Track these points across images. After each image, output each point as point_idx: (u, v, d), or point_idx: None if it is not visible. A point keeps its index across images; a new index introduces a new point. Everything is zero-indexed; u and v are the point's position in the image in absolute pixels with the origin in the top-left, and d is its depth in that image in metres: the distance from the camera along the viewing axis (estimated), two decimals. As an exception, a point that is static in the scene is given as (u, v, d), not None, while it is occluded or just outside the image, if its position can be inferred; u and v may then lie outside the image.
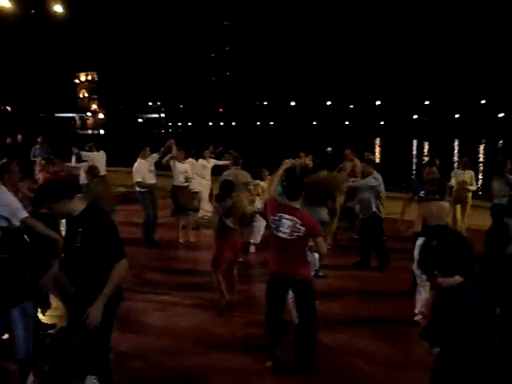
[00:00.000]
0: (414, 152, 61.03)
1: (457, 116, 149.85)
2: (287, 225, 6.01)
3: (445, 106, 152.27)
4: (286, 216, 6.03)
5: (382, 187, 10.37)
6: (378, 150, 65.93)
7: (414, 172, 34.87)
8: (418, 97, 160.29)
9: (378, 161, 46.53)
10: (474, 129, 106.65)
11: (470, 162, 13.19)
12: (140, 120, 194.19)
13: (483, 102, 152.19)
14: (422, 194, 8.98)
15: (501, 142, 78.79)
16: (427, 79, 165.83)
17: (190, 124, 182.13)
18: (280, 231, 6.03)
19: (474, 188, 13.16)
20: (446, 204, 7.76)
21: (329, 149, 15.40)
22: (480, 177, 31.27)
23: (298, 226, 5.99)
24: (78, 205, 4.78)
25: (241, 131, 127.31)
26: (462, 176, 12.92)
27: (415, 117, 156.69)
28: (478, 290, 3.71)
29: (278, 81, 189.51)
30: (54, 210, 4.80)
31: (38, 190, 5.20)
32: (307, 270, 6.24)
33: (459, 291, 3.59)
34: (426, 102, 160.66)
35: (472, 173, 13.16)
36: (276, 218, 6.09)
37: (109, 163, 15.06)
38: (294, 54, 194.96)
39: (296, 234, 5.99)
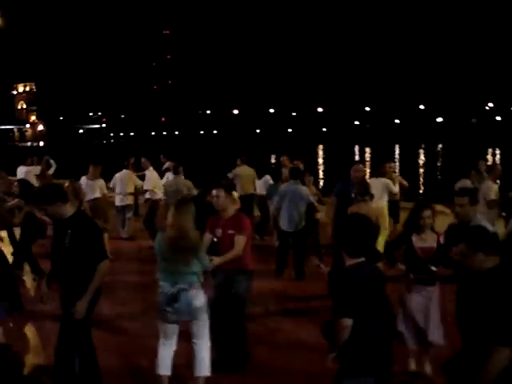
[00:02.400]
0: (357, 158, 61.82)
1: (397, 121, 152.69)
2: None
3: (385, 111, 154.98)
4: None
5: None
6: (321, 156, 66.59)
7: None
8: (358, 103, 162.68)
9: (321, 168, 47.03)
10: (414, 133, 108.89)
11: (408, 166, 13.40)
12: (81, 131, 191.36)
13: (422, 107, 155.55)
14: (353, 195, 9.05)
15: (440, 146, 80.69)
16: (367, 86, 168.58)
17: (132, 134, 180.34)
18: None
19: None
20: (375, 204, 7.93)
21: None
22: (421, 180, 31.86)
23: None
24: (69, 209, 5.26)
25: (184, 140, 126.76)
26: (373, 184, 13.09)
27: (356, 123, 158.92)
28: (374, 267, 4.23)
29: (220, 89, 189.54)
30: (47, 211, 5.28)
31: (35, 191, 5.84)
32: None
33: (351, 271, 3.99)
34: (367, 109, 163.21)
35: (385, 181, 13.31)
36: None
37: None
38: (235, 62, 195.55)
39: None
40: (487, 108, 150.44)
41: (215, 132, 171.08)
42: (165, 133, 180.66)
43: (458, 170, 13.87)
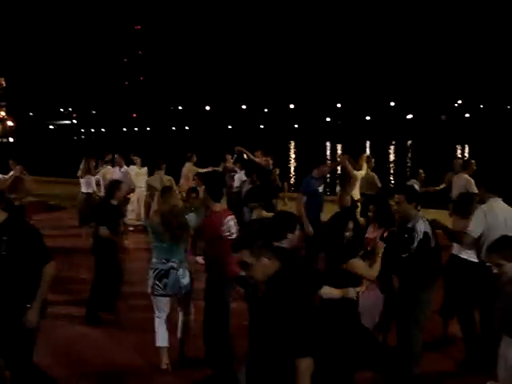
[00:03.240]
0: (328, 153, 62.24)
1: (368, 118, 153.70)
2: (234, 223, 6.26)
3: (356, 108, 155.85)
4: (229, 217, 6.26)
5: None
6: (292, 152, 66.84)
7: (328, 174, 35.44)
8: (330, 100, 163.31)
9: (293, 164, 47.28)
10: (384, 130, 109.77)
11: (378, 162, 13.62)
12: (51, 127, 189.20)
13: (392, 104, 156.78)
14: (320, 190, 9.31)
15: (409, 142, 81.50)
16: (338, 83, 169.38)
17: (103, 130, 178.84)
18: (233, 234, 6.15)
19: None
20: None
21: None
22: (391, 175, 32.22)
23: (235, 220, 6.33)
24: (1, 214, 4.86)
25: (156, 136, 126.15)
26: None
27: (328, 119, 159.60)
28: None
29: (192, 85, 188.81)
30: None
31: None
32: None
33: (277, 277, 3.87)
34: (338, 105, 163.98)
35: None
36: (225, 226, 6.20)
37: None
38: (207, 58, 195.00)
39: (237, 228, 6.29)
40: (456, 105, 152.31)
41: (187, 128, 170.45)
42: (136, 129, 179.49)
43: (427, 166, 14.15)
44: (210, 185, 6.49)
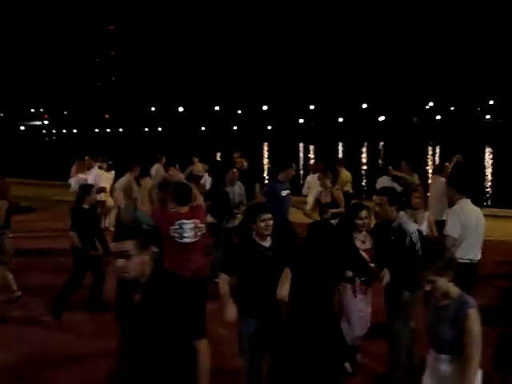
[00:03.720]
0: (301, 155, 62.42)
1: (340, 120, 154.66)
2: (189, 227, 6.12)
3: (329, 110, 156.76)
4: (185, 221, 6.13)
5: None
6: (266, 154, 66.94)
7: (301, 175, 35.62)
8: (303, 102, 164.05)
9: (266, 166, 47.36)
10: (357, 132, 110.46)
11: (351, 164, 13.77)
12: (22, 128, 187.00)
13: (365, 106, 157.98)
14: (284, 194, 9.41)
15: (381, 143, 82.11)
16: (312, 84, 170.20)
17: (75, 131, 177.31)
18: (184, 237, 6.10)
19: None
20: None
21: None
22: (363, 177, 32.48)
23: (199, 224, 6.19)
24: None
25: (128, 137, 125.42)
26: (313, 180, 13.56)
27: (301, 121, 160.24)
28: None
29: (165, 86, 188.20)
30: None
31: None
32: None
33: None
34: (311, 107, 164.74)
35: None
36: (176, 227, 6.12)
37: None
38: (180, 59, 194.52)
39: (199, 232, 6.19)
40: (427, 107, 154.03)
41: (160, 129, 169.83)
42: (109, 130, 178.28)
43: (399, 167, 14.28)
44: (177, 191, 6.39)
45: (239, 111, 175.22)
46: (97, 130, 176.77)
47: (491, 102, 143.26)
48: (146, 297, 3.51)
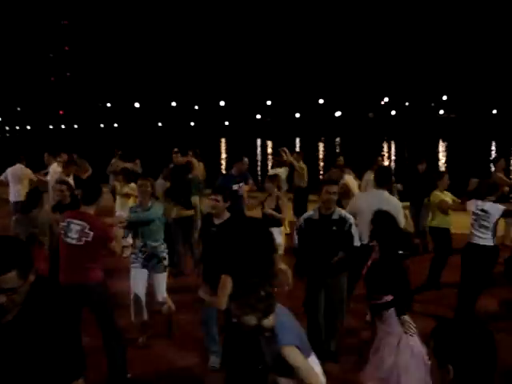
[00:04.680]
0: (259, 151, 62.55)
1: (297, 115, 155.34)
2: (75, 230, 5.93)
3: (286, 105, 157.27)
4: (75, 221, 5.96)
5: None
6: (223, 150, 66.87)
7: (258, 171, 35.73)
8: (260, 97, 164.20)
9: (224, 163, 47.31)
10: (314, 127, 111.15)
11: (308, 159, 13.90)
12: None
13: (321, 101, 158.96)
14: (235, 187, 9.52)
15: (338, 139, 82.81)
16: (268, 80, 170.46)
17: (28, 128, 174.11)
18: (68, 237, 5.96)
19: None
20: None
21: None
22: (320, 171, 32.73)
23: (86, 230, 5.91)
24: None
25: (83, 134, 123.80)
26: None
27: (258, 117, 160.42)
28: None
29: (121, 82, 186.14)
30: None
31: None
32: (98, 275, 6.01)
33: None
34: (268, 103, 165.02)
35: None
36: (65, 224, 6.01)
37: None
38: (136, 54, 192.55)
39: (84, 238, 5.90)
40: (383, 103, 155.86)
41: (116, 125, 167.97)
42: (63, 126, 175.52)
43: (355, 162, 14.46)
44: (85, 188, 6.23)
45: (196, 107, 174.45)
46: (51, 127, 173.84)
47: (445, 98, 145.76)
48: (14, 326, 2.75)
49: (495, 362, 2.23)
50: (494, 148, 60.55)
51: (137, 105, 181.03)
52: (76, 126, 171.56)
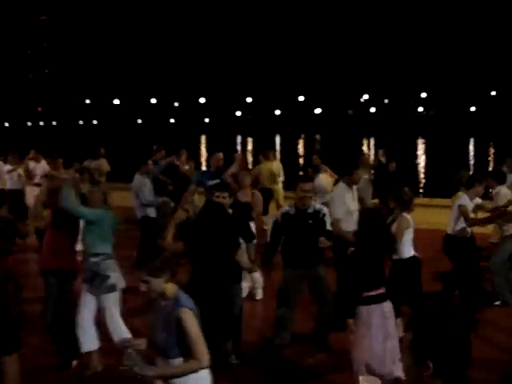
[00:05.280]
0: (239, 148, 62.55)
1: (277, 112, 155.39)
2: None
3: (266, 102, 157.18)
4: None
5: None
6: (203, 146, 66.76)
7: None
8: (240, 94, 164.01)
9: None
10: (294, 124, 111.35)
11: (288, 156, 14.00)
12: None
13: (301, 98, 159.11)
14: (210, 183, 9.57)
15: (318, 136, 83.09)
16: (248, 77, 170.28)
17: (6, 125, 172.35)
18: None
19: (281, 179, 14.08)
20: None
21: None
22: (300, 168, 32.81)
23: None
24: None
25: (62, 131, 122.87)
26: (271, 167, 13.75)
27: (238, 114, 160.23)
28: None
29: (99, 78, 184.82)
30: None
31: None
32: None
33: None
34: (248, 99, 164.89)
35: (279, 164, 14.02)
36: None
37: None
38: (116, 51, 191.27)
39: None
40: (362, 100, 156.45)
41: (95, 122, 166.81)
42: (42, 123, 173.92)
43: (335, 159, 14.54)
44: None
45: (176, 104, 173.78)
46: (29, 124, 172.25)
47: (424, 95, 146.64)
48: None
49: (470, 358, 2.25)
50: (472, 145, 61.16)
51: (116, 101, 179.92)
52: (55, 123, 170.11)
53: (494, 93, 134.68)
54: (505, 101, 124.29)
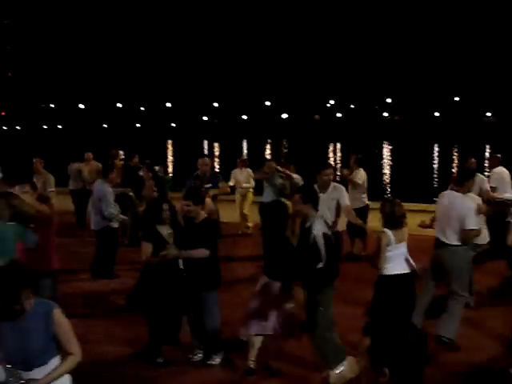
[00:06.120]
0: (206, 152, 62.39)
1: (244, 117, 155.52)
2: None
3: (232, 107, 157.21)
4: None
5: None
6: (170, 151, 66.47)
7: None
8: (206, 99, 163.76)
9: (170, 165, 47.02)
10: (261, 129, 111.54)
11: (255, 161, 14.04)
12: None
13: (268, 103, 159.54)
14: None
15: (285, 141, 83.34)
16: (215, 82, 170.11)
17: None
18: None
19: (249, 185, 14.15)
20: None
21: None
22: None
23: None
24: None
25: (26, 135, 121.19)
26: (240, 175, 13.90)
27: (205, 118, 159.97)
28: None
29: (65, 82, 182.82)
30: None
31: None
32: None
33: None
34: (215, 104, 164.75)
35: (249, 171, 14.08)
36: None
37: None
38: (80, 55, 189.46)
39: None
40: (328, 105, 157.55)
41: (60, 127, 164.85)
42: (5, 128, 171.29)
43: (302, 163, 14.59)
44: None
45: (142, 108, 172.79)
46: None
47: (389, 100, 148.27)
48: None
49: (425, 364, 2.24)
50: (436, 149, 61.99)
51: (81, 106, 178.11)
52: (18, 128, 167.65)
53: (457, 98, 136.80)
54: (468, 106, 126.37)
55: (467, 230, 7.31)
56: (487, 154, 44.72)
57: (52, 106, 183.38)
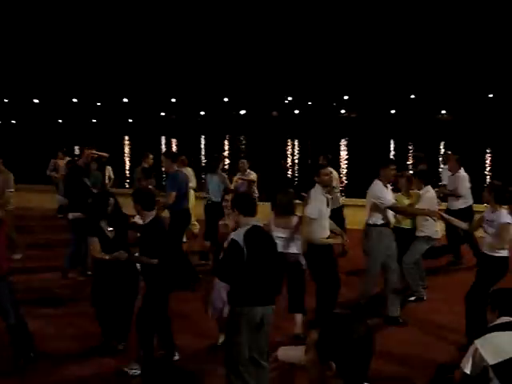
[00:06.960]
0: (163, 148, 62.01)
1: (202, 113, 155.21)
2: None
3: (190, 103, 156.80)
4: None
5: None
6: (127, 147, 65.93)
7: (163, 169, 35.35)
8: (164, 94, 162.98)
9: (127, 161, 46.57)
10: (219, 125, 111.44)
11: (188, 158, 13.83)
12: None
13: (226, 99, 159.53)
14: None
15: (243, 137, 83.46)
16: (173, 77, 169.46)
17: None
18: None
19: (192, 185, 13.89)
20: None
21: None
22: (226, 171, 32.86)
23: None
24: None
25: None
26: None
27: (162, 114, 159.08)
28: None
29: (19, 77, 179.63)
30: None
31: None
32: None
33: None
34: (173, 100, 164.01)
35: (189, 170, 13.88)
36: None
37: None
38: (36, 49, 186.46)
39: None
40: (286, 102, 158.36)
41: (14, 122, 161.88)
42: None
43: (259, 160, 14.62)
44: None
45: (99, 103, 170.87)
46: None
47: (346, 98, 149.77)
48: None
49: (371, 358, 2.27)
50: (392, 146, 62.84)
51: (36, 100, 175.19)
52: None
53: (413, 96, 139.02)
54: (423, 104, 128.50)
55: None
56: (442, 151, 45.51)
57: (6, 100, 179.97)
